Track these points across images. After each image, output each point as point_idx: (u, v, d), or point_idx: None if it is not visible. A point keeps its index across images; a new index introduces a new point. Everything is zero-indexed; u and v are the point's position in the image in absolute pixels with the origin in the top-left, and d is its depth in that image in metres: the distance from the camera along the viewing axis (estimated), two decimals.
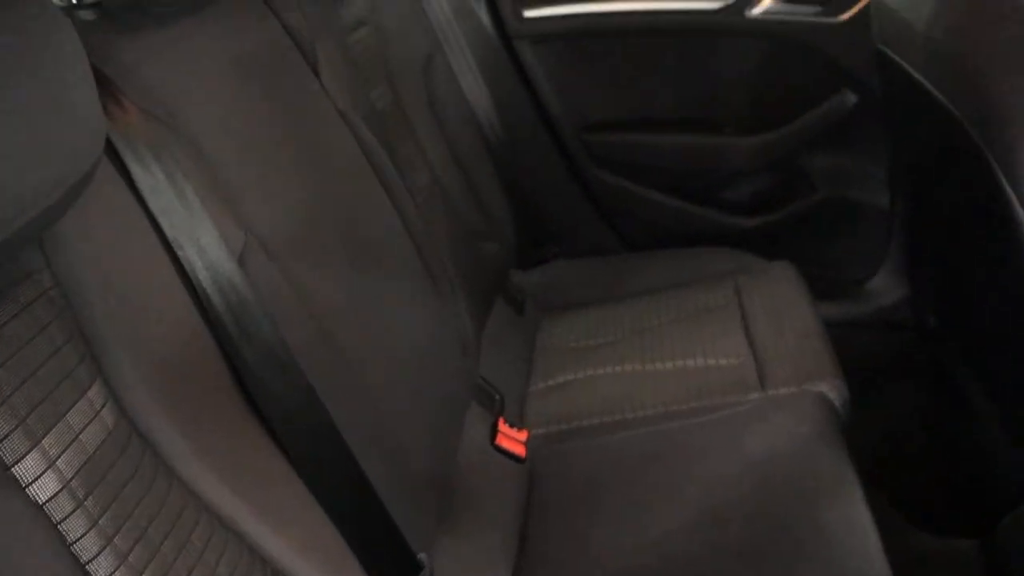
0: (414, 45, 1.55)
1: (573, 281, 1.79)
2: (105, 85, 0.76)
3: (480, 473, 1.24)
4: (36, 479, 0.57)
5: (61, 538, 0.58)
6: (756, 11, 1.65)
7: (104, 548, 0.60)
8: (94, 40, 0.81)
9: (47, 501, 0.58)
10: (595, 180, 1.86)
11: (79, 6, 0.86)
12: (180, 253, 0.76)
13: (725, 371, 1.37)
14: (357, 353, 0.96)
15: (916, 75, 1.20)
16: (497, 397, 1.40)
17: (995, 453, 1.34)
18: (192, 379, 0.75)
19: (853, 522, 1.04)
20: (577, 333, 1.58)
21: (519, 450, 1.31)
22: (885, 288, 1.78)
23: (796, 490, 1.11)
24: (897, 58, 1.28)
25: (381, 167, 1.19)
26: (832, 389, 1.27)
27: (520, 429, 1.34)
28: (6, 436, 0.56)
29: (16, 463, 0.56)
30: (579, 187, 1.87)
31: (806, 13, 1.63)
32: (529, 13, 1.75)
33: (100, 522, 0.60)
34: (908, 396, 1.71)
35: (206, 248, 0.78)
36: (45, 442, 0.58)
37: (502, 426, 1.33)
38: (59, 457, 0.59)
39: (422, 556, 0.95)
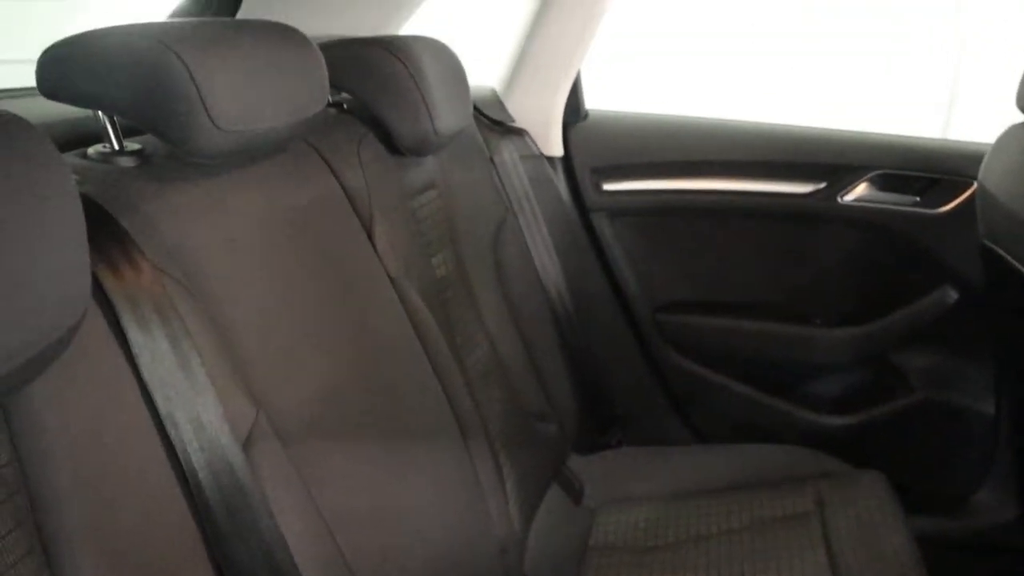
0: (486, 211, 1.50)
1: (637, 472, 1.65)
2: (120, 239, 0.70)
3: None
4: None
5: None
6: (849, 198, 1.57)
7: None
8: (126, 189, 0.77)
9: None
10: (667, 363, 1.76)
11: (120, 152, 0.82)
12: (173, 432, 0.67)
13: None
14: (369, 560, 0.84)
15: None
16: None
17: None
18: None
19: None
20: (636, 531, 1.43)
21: None
22: (990, 505, 1.61)
23: None
24: (1006, 255, 1.17)
25: (430, 339, 1.11)
26: None
27: None
28: None
29: None
30: (650, 370, 1.77)
31: (903, 203, 1.55)
32: (608, 186, 1.71)
33: None
34: None
35: (205, 426, 0.69)
36: None
37: None
38: None
39: None
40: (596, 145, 1.73)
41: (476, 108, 1.62)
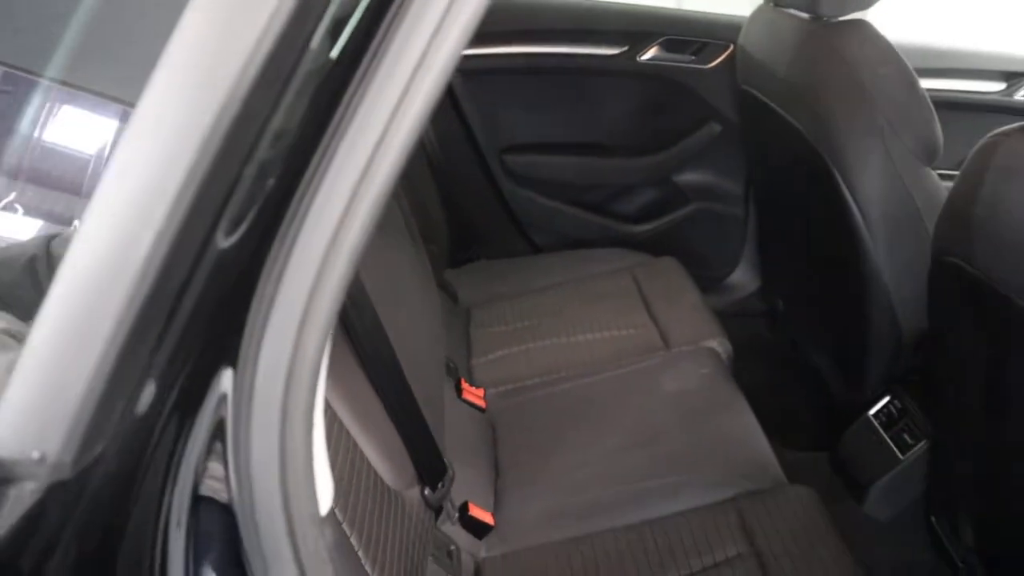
0: None
1: (494, 278, 2.10)
2: None
3: (456, 419, 1.53)
4: None
5: None
6: (644, 58, 2.03)
7: None
8: None
9: None
10: (511, 193, 2.18)
11: None
12: None
13: (636, 338, 1.72)
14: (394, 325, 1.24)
15: (773, 106, 1.60)
16: (452, 366, 1.70)
17: (832, 393, 1.76)
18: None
19: (749, 431, 1.42)
20: (504, 319, 1.89)
21: (480, 403, 1.61)
22: (743, 282, 2.20)
23: (704, 412, 1.48)
24: (759, 94, 1.68)
25: None
26: (719, 345, 1.66)
27: (477, 388, 1.65)
28: None
29: None
30: (498, 199, 2.19)
31: (683, 61, 2.03)
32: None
33: None
34: (770, 360, 2.05)
35: None
36: None
37: (464, 384, 1.63)
38: None
39: (448, 460, 1.24)
40: None
41: None
